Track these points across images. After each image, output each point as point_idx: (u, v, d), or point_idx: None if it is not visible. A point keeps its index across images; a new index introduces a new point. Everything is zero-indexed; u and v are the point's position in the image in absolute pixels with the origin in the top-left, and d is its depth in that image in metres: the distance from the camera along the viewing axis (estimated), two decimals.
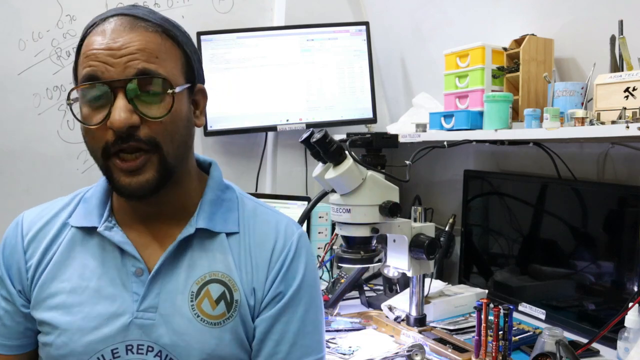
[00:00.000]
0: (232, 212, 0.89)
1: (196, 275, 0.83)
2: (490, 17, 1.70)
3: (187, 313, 0.81)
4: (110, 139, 0.77)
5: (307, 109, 2.09)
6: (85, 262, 0.84)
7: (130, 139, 0.76)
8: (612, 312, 1.23)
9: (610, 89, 1.17)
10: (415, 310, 1.39)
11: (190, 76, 0.85)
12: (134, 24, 0.79)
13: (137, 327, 0.81)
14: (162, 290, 0.82)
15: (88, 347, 0.80)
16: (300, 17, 2.16)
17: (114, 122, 0.75)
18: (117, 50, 0.76)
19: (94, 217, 0.85)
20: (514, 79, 1.48)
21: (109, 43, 0.77)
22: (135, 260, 0.83)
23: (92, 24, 0.81)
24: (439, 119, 1.64)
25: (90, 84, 0.77)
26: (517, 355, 1.27)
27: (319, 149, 1.19)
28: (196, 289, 0.83)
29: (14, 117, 1.88)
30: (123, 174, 0.78)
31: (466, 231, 1.78)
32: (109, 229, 0.84)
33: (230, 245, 0.86)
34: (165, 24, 0.83)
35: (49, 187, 1.92)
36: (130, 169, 0.78)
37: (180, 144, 0.82)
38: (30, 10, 1.88)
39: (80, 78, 0.78)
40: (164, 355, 0.81)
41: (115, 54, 0.76)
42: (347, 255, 1.28)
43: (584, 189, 1.42)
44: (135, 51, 0.77)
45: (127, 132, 0.76)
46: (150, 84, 0.77)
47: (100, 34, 0.78)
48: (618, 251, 1.31)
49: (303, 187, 2.26)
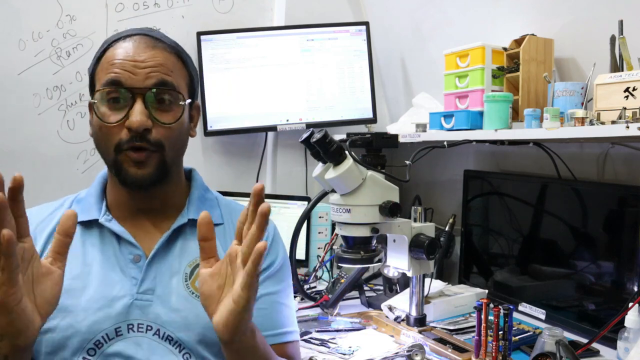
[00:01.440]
0: (215, 209, 1.03)
1: (188, 258, 0.95)
2: (490, 17, 1.70)
3: (183, 291, 0.92)
4: (124, 137, 0.89)
5: (307, 109, 2.09)
6: (86, 251, 0.93)
7: (142, 139, 0.89)
8: (612, 312, 1.23)
9: (610, 89, 1.17)
10: (415, 310, 1.39)
11: (191, 93, 1.00)
12: (155, 43, 0.94)
13: (137, 307, 0.90)
14: (157, 273, 0.93)
15: (93, 326, 0.88)
16: (300, 17, 2.17)
17: (133, 123, 0.88)
18: (140, 62, 0.90)
19: (93, 212, 0.96)
20: (514, 79, 1.48)
21: (134, 55, 0.90)
22: (132, 247, 0.94)
23: (116, 39, 0.94)
24: (439, 119, 1.64)
25: (114, 88, 0.89)
26: (517, 355, 1.27)
27: (319, 149, 1.19)
28: (189, 271, 0.94)
29: (14, 117, 1.88)
30: (132, 165, 0.90)
31: (466, 231, 1.78)
32: (108, 221, 0.95)
33: (217, 234, 0.93)
34: (177, 46, 0.98)
35: (49, 187, 1.91)
36: (138, 159, 0.90)
37: (179, 149, 0.97)
38: (30, 10, 1.88)
39: (103, 82, 0.90)
40: (161, 333, 0.90)
41: (139, 65, 0.90)
42: (347, 255, 1.28)
43: (584, 189, 1.42)
44: (156, 65, 0.91)
45: (141, 134, 0.89)
46: (165, 94, 0.92)
47: (125, 47, 0.91)
48: (618, 251, 1.31)
49: (303, 187, 2.26)
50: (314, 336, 1.35)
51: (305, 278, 1.82)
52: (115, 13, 1.99)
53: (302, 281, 1.76)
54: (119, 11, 1.99)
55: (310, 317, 1.51)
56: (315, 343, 1.32)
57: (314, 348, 1.29)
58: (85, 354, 0.87)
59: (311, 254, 1.93)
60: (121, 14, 1.99)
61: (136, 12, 2.01)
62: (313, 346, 1.30)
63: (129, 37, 0.93)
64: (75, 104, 1.95)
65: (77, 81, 1.95)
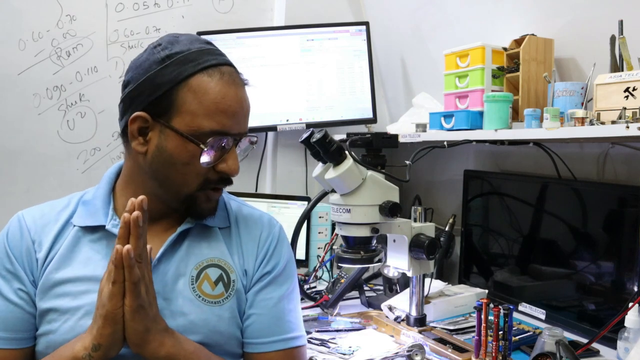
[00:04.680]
0: (222, 211, 1.00)
1: (195, 261, 0.93)
2: (490, 17, 1.70)
3: (189, 295, 0.90)
4: (212, 177, 0.90)
5: (307, 109, 2.09)
6: (90, 255, 0.91)
7: (229, 182, 0.93)
8: (612, 312, 1.23)
9: (610, 89, 1.17)
10: (415, 310, 1.39)
11: None
12: (240, 79, 0.93)
13: None
14: (163, 277, 0.91)
15: None
16: (300, 17, 2.17)
17: (234, 170, 0.90)
18: (242, 108, 0.90)
19: (100, 217, 0.93)
20: (514, 79, 1.48)
21: (241, 103, 0.90)
22: None
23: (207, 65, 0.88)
24: (439, 119, 1.64)
25: (223, 134, 0.88)
26: (517, 355, 1.27)
27: (319, 149, 1.19)
28: (195, 273, 0.92)
29: (14, 117, 1.88)
30: (208, 202, 0.93)
31: (466, 231, 1.78)
32: (115, 227, 0.92)
33: (223, 236, 0.97)
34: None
35: (49, 187, 1.92)
36: (217, 198, 0.94)
37: None
38: (30, 10, 1.88)
39: (208, 128, 0.86)
40: None
41: (242, 111, 0.90)
42: (347, 255, 1.28)
43: (584, 189, 1.42)
44: (249, 108, 0.93)
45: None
46: (253, 138, 0.96)
47: (233, 92, 0.89)
48: (618, 251, 1.31)
49: (303, 187, 2.26)
50: (314, 336, 1.35)
51: (305, 278, 1.82)
52: (115, 13, 1.99)
53: (302, 281, 1.76)
54: (119, 11, 1.99)
55: (310, 317, 1.51)
56: (315, 343, 1.32)
57: (314, 348, 1.29)
58: None
59: (311, 254, 1.93)
60: (121, 14, 2.00)
61: (136, 12, 2.01)
62: (313, 346, 1.30)
63: (218, 68, 0.89)
64: (75, 104, 1.95)
65: (77, 81, 1.95)
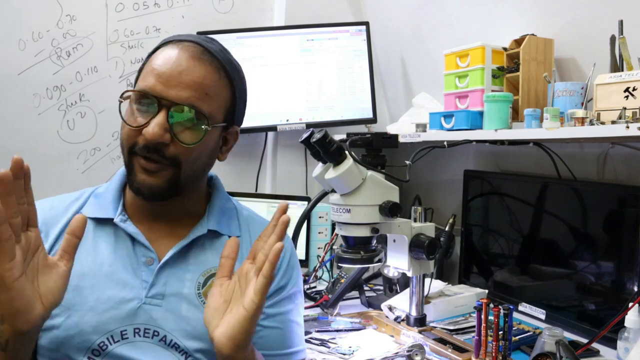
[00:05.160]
0: (233, 220, 1.00)
1: (203, 268, 0.92)
2: (490, 17, 1.70)
3: (194, 300, 0.90)
4: (140, 142, 0.86)
5: (307, 109, 2.09)
6: (98, 248, 0.91)
7: (155, 152, 0.86)
8: (612, 312, 1.23)
9: (610, 89, 1.17)
10: (415, 310, 1.39)
11: (229, 117, 0.95)
12: (201, 55, 0.89)
13: (144, 312, 0.88)
14: (169, 279, 0.90)
15: (98, 327, 0.86)
16: (300, 17, 2.16)
17: (147, 134, 0.85)
18: (177, 74, 0.86)
19: (109, 210, 0.93)
20: (514, 79, 1.48)
21: (173, 65, 0.86)
22: (146, 250, 0.91)
23: (169, 41, 0.91)
24: (439, 119, 1.64)
25: (143, 91, 0.86)
26: (517, 355, 1.27)
27: (319, 149, 1.19)
28: (202, 280, 0.92)
29: (14, 117, 1.88)
30: (142, 172, 0.88)
31: (466, 231, 1.78)
32: (123, 222, 0.92)
33: None
34: (228, 65, 0.93)
35: (49, 187, 1.91)
36: (148, 168, 0.87)
37: (198, 169, 0.93)
38: (30, 10, 1.88)
39: (139, 84, 0.88)
40: (168, 339, 0.87)
41: (175, 77, 0.86)
42: (347, 255, 1.28)
43: (584, 189, 1.42)
44: (191, 82, 0.86)
45: (155, 146, 0.86)
46: (190, 113, 0.87)
47: (169, 54, 0.88)
48: (618, 251, 1.31)
49: (303, 187, 2.26)
50: (314, 336, 1.35)
51: (305, 278, 1.81)
52: (115, 13, 1.99)
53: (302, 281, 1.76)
54: (119, 11, 1.99)
55: (310, 317, 1.51)
56: (315, 343, 1.32)
57: (314, 348, 1.29)
58: (90, 354, 0.86)
59: (311, 254, 1.93)
60: (121, 14, 1.99)
61: (136, 12, 2.01)
62: (313, 346, 1.30)
63: (180, 42, 0.90)
64: (75, 104, 1.95)
65: (77, 81, 1.95)
